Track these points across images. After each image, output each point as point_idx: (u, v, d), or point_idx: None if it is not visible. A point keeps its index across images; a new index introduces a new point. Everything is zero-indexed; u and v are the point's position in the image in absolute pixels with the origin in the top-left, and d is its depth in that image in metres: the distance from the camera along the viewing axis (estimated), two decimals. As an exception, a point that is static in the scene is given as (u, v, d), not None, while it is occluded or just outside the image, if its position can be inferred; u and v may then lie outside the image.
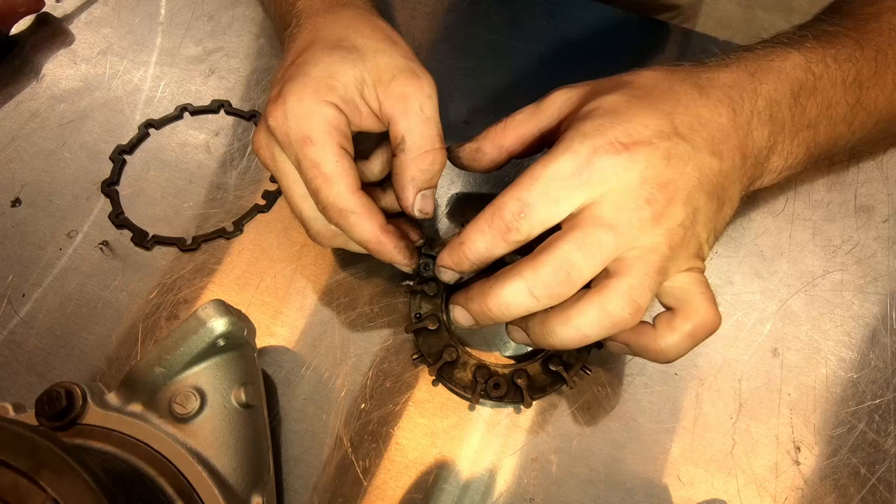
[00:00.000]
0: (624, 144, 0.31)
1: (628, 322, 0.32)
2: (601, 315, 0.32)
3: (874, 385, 0.41)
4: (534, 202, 0.32)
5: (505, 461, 0.39)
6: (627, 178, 0.31)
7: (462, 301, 0.36)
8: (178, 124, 0.52)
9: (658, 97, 0.34)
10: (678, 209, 0.32)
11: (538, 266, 0.32)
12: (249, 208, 0.47)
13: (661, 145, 0.32)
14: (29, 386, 0.41)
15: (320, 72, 0.36)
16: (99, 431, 0.33)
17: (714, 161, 0.33)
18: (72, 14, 0.57)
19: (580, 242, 0.31)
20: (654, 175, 0.31)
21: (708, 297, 0.33)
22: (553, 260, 0.31)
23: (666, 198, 0.31)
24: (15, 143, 0.51)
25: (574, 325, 0.32)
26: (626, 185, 0.31)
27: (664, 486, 0.39)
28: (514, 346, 0.43)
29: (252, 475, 0.34)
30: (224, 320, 0.34)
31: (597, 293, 0.32)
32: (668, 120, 0.33)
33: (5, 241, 0.47)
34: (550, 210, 0.32)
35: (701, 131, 0.33)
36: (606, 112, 0.33)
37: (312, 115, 0.35)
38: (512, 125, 0.39)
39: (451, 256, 0.35)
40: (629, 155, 0.31)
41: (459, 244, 0.34)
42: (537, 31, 0.56)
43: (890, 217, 0.46)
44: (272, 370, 0.42)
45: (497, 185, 0.48)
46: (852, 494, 0.38)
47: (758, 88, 0.36)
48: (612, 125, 0.32)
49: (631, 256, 0.32)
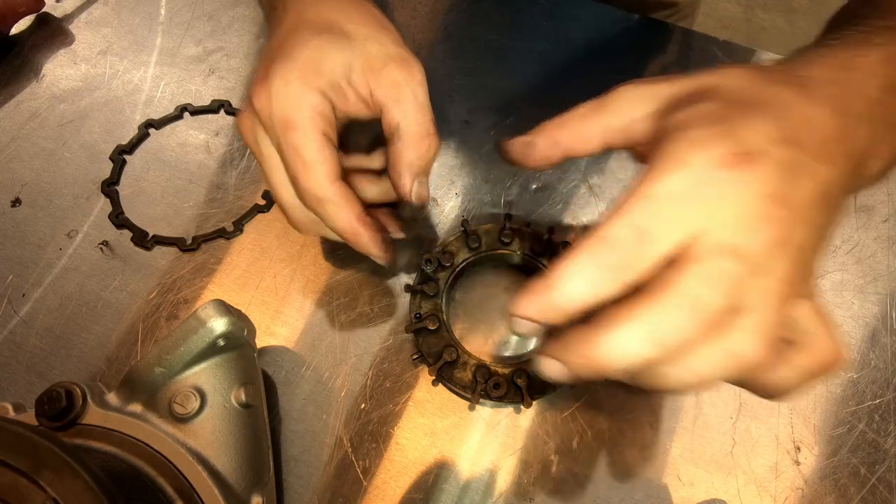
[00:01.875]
0: (739, 155, 0.27)
1: (761, 363, 0.27)
2: (727, 358, 0.27)
3: (874, 385, 0.41)
4: (654, 228, 0.27)
5: (505, 461, 0.39)
6: (747, 194, 0.27)
7: (557, 352, 0.29)
8: (178, 124, 0.52)
9: (760, 100, 0.30)
10: (799, 229, 0.28)
11: (659, 306, 0.26)
12: (249, 208, 0.48)
13: (777, 155, 0.28)
14: (29, 386, 0.41)
15: (308, 55, 0.36)
16: (99, 431, 0.33)
17: (826, 169, 0.29)
18: (72, 14, 0.57)
19: (706, 275, 0.26)
20: (773, 190, 0.27)
21: (831, 330, 0.29)
22: (678, 297, 0.26)
23: (787, 216, 0.27)
24: (15, 143, 0.51)
25: (691, 368, 0.27)
26: (746, 203, 0.27)
27: (664, 486, 0.39)
28: (514, 346, 0.43)
29: (252, 475, 0.34)
30: (224, 320, 0.34)
31: (718, 332, 0.27)
32: (777, 125, 0.28)
33: (5, 241, 0.47)
34: (671, 237, 0.27)
35: (812, 136, 0.29)
36: (712, 118, 0.29)
37: (297, 99, 0.35)
38: (571, 120, 0.35)
39: (534, 304, 0.29)
40: (749, 168, 0.27)
41: (548, 288, 0.28)
42: (537, 31, 0.56)
43: (890, 217, 0.46)
44: (272, 370, 0.42)
45: (497, 184, 0.48)
46: (852, 494, 0.38)
47: (853, 85, 0.32)
48: (724, 134, 0.28)
49: (756, 287, 0.27)
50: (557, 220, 0.47)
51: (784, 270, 0.27)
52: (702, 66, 0.54)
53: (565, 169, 0.49)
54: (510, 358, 0.42)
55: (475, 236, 0.44)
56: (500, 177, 0.48)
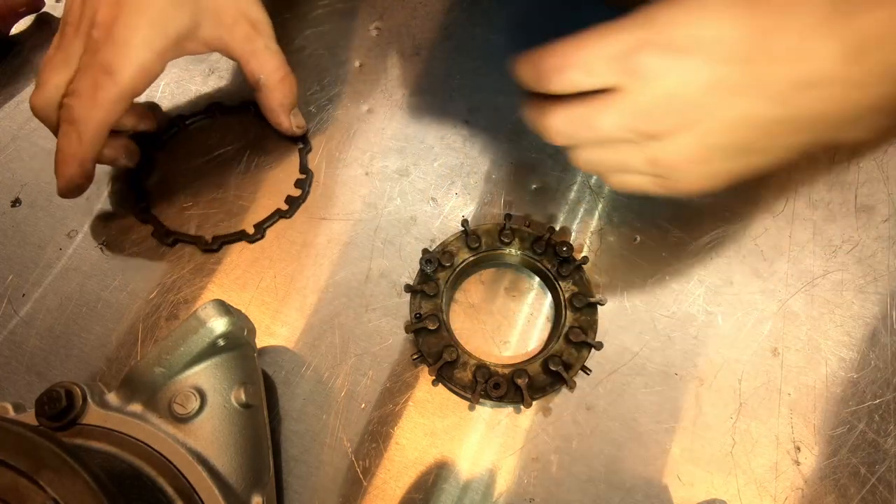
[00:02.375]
0: (672, 48, 0.30)
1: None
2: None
3: (874, 385, 0.41)
4: (570, 65, 0.32)
5: (505, 461, 0.39)
6: (661, 86, 0.31)
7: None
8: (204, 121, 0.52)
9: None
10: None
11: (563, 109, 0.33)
12: (271, 212, 0.47)
13: (710, 68, 0.30)
14: (29, 386, 0.41)
15: (154, 14, 0.38)
16: (99, 431, 0.33)
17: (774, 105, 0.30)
18: (72, 14, 0.57)
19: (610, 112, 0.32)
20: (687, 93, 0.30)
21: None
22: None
23: (686, 122, 0.31)
24: (15, 143, 0.51)
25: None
26: (657, 93, 0.31)
27: (664, 486, 0.39)
28: (513, 346, 0.43)
29: (252, 475, 0.34)
30: (224, 320, 0.34)
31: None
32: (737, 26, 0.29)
33: (5, 241, 0.47)
34: (583, 80, 0.32)
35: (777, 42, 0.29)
36: (675, 5, 0.31)
37: (135, 52, 0.38)
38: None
39: (526, 62, 0.35)
40: (674, 61, 0.30)
41: (537, 57, 0.34)
42: (537, 31, 0.56)
43: (890, 217, 0.46)
44: (272, 370, 0.42)
45: (497, 184, 0.48)
46: (852, 494, 0.38)
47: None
48: (671, 23, 0.30)
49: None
50: (557, 220, 0.47)
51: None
52: (702, 66, 0.54)
53: (565, 169, 0.48)
54: (510, 358, 0.42)
55: (475, 236, 0.44)
56: (500, 177, 0.48)
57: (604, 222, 0.47)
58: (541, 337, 0.43)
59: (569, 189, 0.48)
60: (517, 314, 0.44)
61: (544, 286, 0.44)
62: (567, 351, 0.40)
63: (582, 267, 0.43)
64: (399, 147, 0.50)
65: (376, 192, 0.48)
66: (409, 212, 0.47)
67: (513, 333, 0.43)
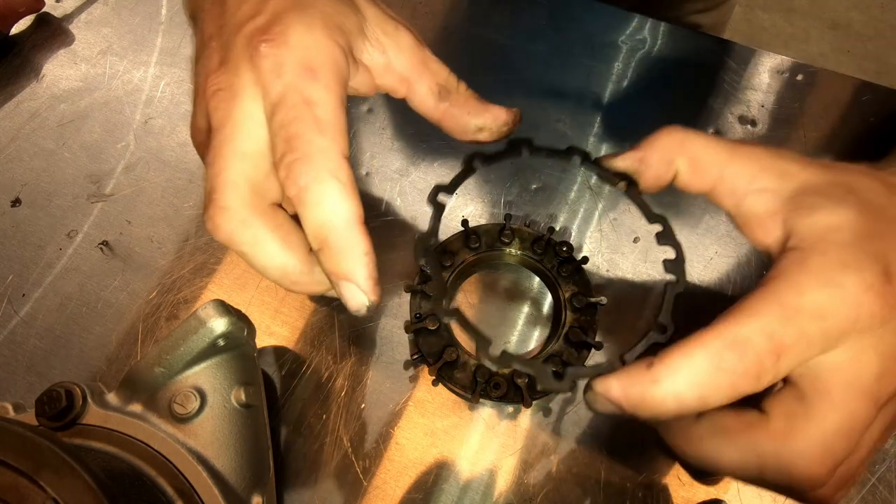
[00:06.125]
0: (889, 280, 0.26)
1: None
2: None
3: (874, 385, 0.41)
4: (792, 345, 0.25)
5: (505, 461, 0.39)
6: (891, 330, 0.26)
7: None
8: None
9: (893, 222, 0.29)
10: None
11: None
12: None
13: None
14: (29, 386, 0.41)
15: (327, 8, 0.31)
16: (99, 431, 0.33)
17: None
18: (72, 14, 0.57)
19: (847, 421, 0.26)
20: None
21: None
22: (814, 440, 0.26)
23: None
24: (15, 143, 0.51)
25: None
26: (886, 344, 0.26)
27: (664, 486, 0.39)
28: (513, 347, 0.43)
29: (252, 475, 0.34)
30: (224, 320, 0.34)
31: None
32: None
33: (5, 241, 0.47)
34: (806, 355, 0.26)
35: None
36: (854, 233, 0.27)
37: (323, 49, 0.29)
38: (694, 148, 0.31)
39: (627, 391, 0.27)
40: (894, 296, 0.26)
41: (651, 381, 0.26)
42: (537, 31, 0.56)
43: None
44: (272, 370, 0.42)
45: (497, 184, 0.48)
46: (852, 494, 0.38)
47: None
48: (872, 258, 0.27)
49: (869, 437, 0.27)
50: (557, 220, 0.47)
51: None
52: (702, 66, 0.55)
53: (565, 169, 0.49)
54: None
55: (475, 236, 0.44)
56: (501, 177, 0.48)
57: (604, 222, 0.47)
58: (541, 337, 0.43)
59: (569, 189, 0.48)
60: (517, 314, 0.44)
61: (544, 286, 0.44)
62: (567, 351, 0.40)
63: (582, 267, 0.43)
64: (399, 147, 0.50)
65: (376, 192, 0.48)
66: (409, 212, 0.47)
67: (513, 333, 0.43)
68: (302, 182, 0.27)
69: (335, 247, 0.28)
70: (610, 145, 0.51)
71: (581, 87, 0.54)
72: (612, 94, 0.53)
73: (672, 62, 0.55)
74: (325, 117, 0.28)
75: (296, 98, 0.28)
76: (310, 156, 0.28)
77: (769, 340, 0.25)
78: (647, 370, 0.26)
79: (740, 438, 0.27)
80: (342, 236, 0.28)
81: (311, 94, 0.28)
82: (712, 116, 0.52)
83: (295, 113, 0.28)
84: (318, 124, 0.28)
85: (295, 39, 0.29)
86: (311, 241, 0.28)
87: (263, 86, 0.29)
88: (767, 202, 0.29)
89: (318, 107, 0.28)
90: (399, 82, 0.34)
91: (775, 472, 0.27)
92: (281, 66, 0.28)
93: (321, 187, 0.28)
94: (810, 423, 0.26)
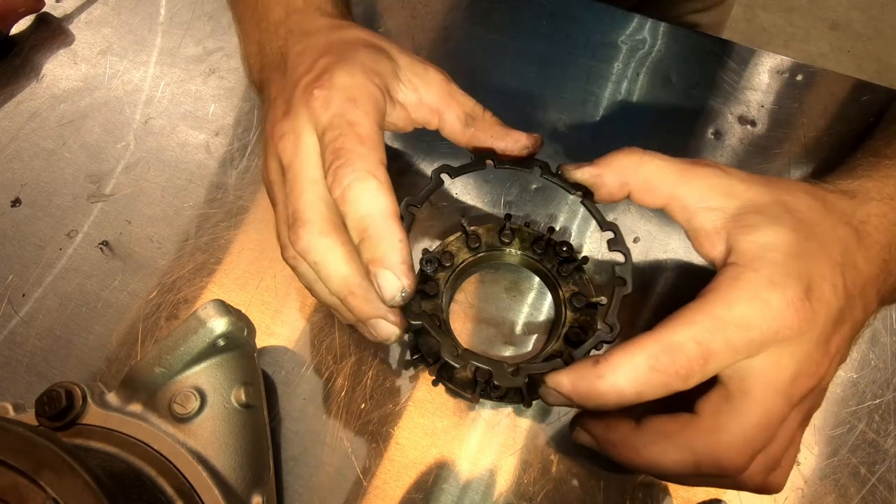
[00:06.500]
0: (808, 298, 0.30)
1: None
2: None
3: (874, 385, 0.41)
4: (718, 351, 0.29)
5: (505, 461, 0.39)
6: (806, 341, 0.30)
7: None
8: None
9: (825, 240, 0.32)
10: (832, 370, 0.32)
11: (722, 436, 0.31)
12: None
13: (835, 305, 0.31)
14: (29, 386, 0.41)
15: (364, 59, 0.37)
16: (99, 431, 0.33)
17: (862, 315, 0.33)
18: (72, 14, 0.57)
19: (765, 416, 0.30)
20: (824, 338, 0.31)
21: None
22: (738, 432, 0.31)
23: (827, 362, 0.31)
24: (15, 143, 0.51)
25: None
26: (801, 352, 0.30)
27: (664, 486, 0.39)
28: (513, 347, 0.43)
29: (252, 475, 0.34)
30: (224, 320, 0.34)
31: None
32: (839, 273, 0.31)
33: (5, 241, 0.47)
34: (731, 360, 0.30)
35: (859, 284, 0.33)
36: (784, 253, 0.31)
37: (362, 87, 0.35)
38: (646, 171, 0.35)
39: (575, 385, 0.31)
40: (812, 313, 0.30)
41: (596, 376, 0.30)
42: (537, 31, 0.56)
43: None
44: (272, 370, 0.42)
45: (497, 184, 0.48)
46: (852, 494, 0.38)
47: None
48: (796, 276, 0.30)
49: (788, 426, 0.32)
50: (557, 220, 0.47)
51: (811, 414, 0.33)
52: (702, 66, 0.55)
53: (565, 169, 0.48)
54: (511, 358, 0.42)
55: (475, 236, 0.44)
56: (500, 177, 0.48)
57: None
58: (541, 337, 0.43)
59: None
60: (517, 314, 0.44)
61: (544, 286, 0.44)
62: (567, 351, 0.40)
63: (582, 267, 0.43)
64: (399, 147, 0.50)
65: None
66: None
67: (513, 333, 0.43)
68: (346, 181, 0.32)
69: (374, 236, 0.32)
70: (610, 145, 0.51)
71: (581, 87, 0.54)
72: (611, 94, 0.53)
73: (672, 62, 0.55)
74: (364, 133, 0.34)
75: (341, 120, 0.34)
76: (352, 161, 0.32)
77: (698, 347, 0.29)
78: (593, 367, 0.30)
79: (678, 439, 0.31)
80: (380, 226, 0.32)
81: (353, 117, 0.34)
82: (712, 116, 0.52)
83: (340, 131, 0.33)
84: (360, 138, 0.33)
85: (340, 82, 0.35)
86: (353, 234, 0.32)
87: (315, 119, 0.35)
88: (714, 219, 0.33)
89: (359, 126, 0.34)
90: (431, 114, 0.39)
91: (709, 464, 0.30)
92: (329, 101, 0.34)
93: (362, 185, 0.32)
94: (733, 419, 0.30)
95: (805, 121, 0.52)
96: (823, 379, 0.32)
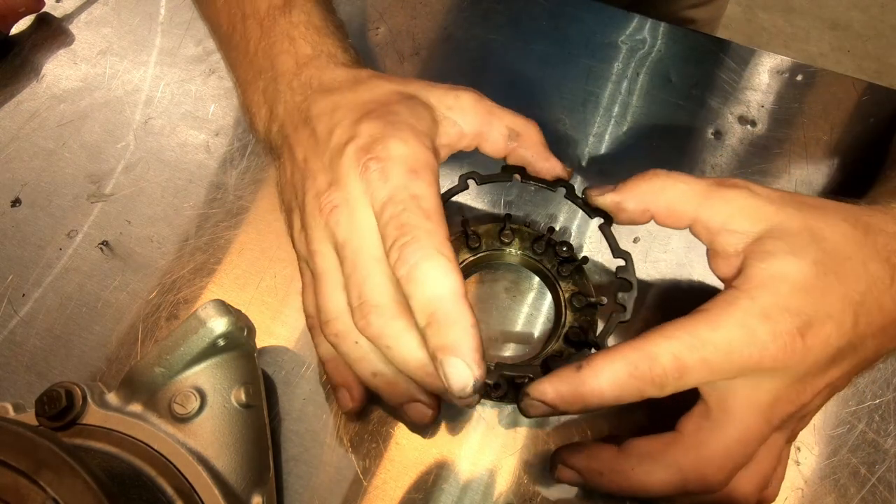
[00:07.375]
0: (802, 335, 0.30)
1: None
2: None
3: (874, 385, 0.41)
4: (693, 368, 0.30)
5: (505, 461, 0.39)
6: (791, 373, 0.30)
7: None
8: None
9: (848, 276, 0.31)
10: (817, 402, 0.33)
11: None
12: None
13: (835, 345, 0.30)
14: (29, 386, 0.41)
15: (408, 118, 0.35)
16: (99, 431, 0.33)
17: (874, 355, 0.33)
18: (72, 14, 0.57)
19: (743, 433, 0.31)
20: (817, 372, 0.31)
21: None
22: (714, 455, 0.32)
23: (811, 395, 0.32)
24: (15, 143, 0.51)
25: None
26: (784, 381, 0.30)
27: (664, 486, 0.39)
28: (513, 347, 0.43)
29: (252, 475, 0.34)
30: (224, 320, 0.34)
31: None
32: (852, 312, 0.31)
33: (5, 241, 0.47)
34: (707, 377, 0.30)
35: (877, 324, 0.31)
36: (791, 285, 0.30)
37: (419, 156, 0.33)
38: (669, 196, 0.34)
39: (559, 391, 0.31)
40: (804, 350, 0.30)
41: (579, 381, 0.31)
42: (537, 31, 0.56)
43: (890, 217, 0.46)
44: (272, 370, 0.42)
45: (497, 184, 0.48)
46: (852, 494, 0.38)
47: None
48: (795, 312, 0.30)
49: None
50: (557, 219, 0.47)
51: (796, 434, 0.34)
52: (701, 65, 0.55)
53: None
54: (511, 358, 0.42)
55: (475, 236, 0.44)
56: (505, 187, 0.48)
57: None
58: (541, 337, 0.43)
59: (569, 189, 0.48)
60: (517, 314, 0.44)
61: (544, 286, 0.44)
62: (567, 351, 0.40)
63: (582, 267, 0.43)
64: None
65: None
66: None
67: (513, 333, 0.43)
68: (412, 260, 0.30)
69: (443, 320, 0.29)
70: (609, 146, 0.51)
71: (581, 87, 0.54)
72: (611, 94, 0.53)
73: (672, 62, 0.55)
74: (429, 207, 0.32)
75: (404, 194, 0.32)
76: (419, 237, 0.31)
77: (675, 361, 0.30)
78: (576, 372, 0.31)
79: (662, 457, 0.32)
80: (450, 309, 0.29)
81: (416, 190, 0.32)
82: (712, 116, 0.52)
83: (404, 206, 0.31)
84: (425, 213, 0.32)
85: (395, 152, 0.33)
86: (419, 317, 0.30)
87: (371, 193, 0.32)
88: (736, 242, 0.33)
89: (423, 199, 0.32)
90: (473, 140, 0.38)
91: (695, 480, 0.31)
92: (387, 173, 0.32)
93: (430, 263, 0.30)
94: (713, 434, 0.31)
95: (805, 121, 0.52)
96: (806, 406, 0.32)
